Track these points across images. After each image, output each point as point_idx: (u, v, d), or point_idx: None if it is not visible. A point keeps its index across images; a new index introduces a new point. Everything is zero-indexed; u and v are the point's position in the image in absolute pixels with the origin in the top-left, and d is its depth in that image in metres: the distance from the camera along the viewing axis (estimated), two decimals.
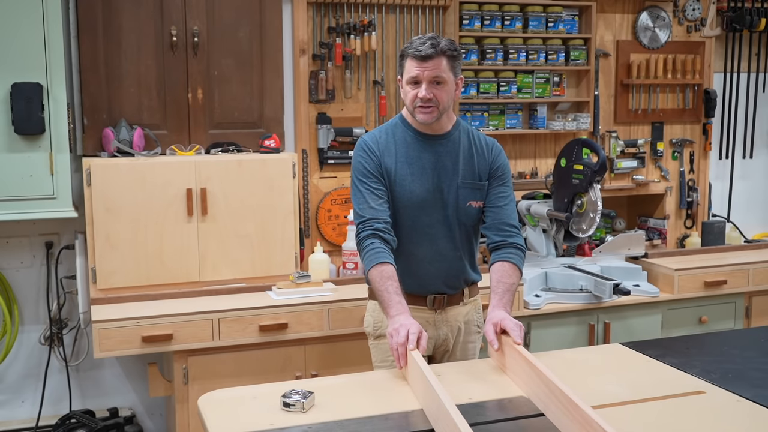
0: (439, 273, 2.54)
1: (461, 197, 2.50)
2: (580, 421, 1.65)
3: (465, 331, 2.63)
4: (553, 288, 3.69)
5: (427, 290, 2.54)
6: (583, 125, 4.37)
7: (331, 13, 3.94)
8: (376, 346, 2.60)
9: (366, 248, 2.40)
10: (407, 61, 2.42)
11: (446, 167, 2.51)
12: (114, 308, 3.14)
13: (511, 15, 4.20)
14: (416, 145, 2.51)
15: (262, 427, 1.81)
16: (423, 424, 1.82)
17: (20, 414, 3.69)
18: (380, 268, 2.35)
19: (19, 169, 3.17)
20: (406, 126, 2.54)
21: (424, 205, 2.48)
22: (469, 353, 2.66)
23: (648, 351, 2.35)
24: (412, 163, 2.49)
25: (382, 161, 2.48)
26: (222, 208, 3.42)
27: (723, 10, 4.73)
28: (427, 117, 2.44)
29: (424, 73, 2.39)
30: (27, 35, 3.12)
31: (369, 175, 2.47)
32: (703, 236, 4.59)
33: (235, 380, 3.07)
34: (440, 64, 2.40)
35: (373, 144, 2.51)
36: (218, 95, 3.63)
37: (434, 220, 2.50)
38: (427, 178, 2.49)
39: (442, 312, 2.57)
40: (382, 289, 2.34)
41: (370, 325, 2.62)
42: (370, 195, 2.45)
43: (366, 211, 2.44)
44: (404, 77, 2.45)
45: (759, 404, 1.92)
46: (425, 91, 2.40)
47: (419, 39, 2.42)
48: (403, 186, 2.48)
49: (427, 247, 2.51)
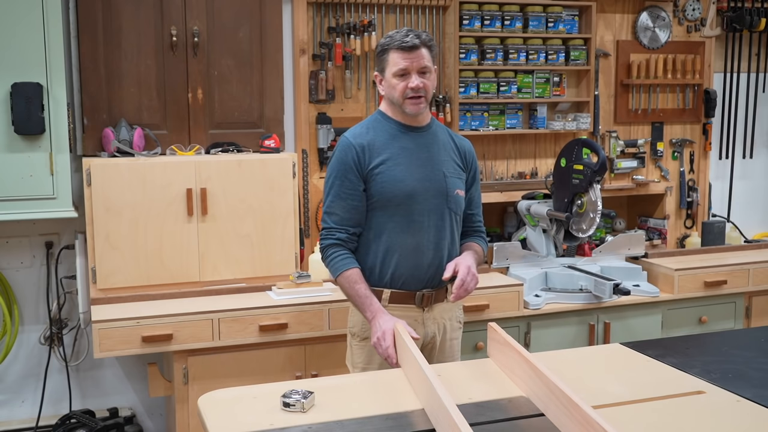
0: (432, 263, 2.55)
1: (449, 185, 2.55)
2: (581, 421, 1.65)
3: (450, 327, 2.66)
4: (553, 288, 3.69)
5: (418, 283, 2.55)
6: (583, 125, 4.37)
7: (331, 13, 3.94)
8: (363, 347, 2.60)
9: (330, 256, 2.53)
10: (391, 55, 2.45)
11: (433, 157, 2.55)
12: (114, 308, 3.14)
13: (511, 15, 4.20)
14: (402, 136, 2.54)
15: (262, 427, 1.81)
16: (423, 424, 1.82)
17: (20, 414, 3.69)
18: (346, 274, 2.49)
19: (19, 169, 3.17)
20: (388, 120, 2.57)
21: (415, 194, 2.50)
22: (454, 350, 2.69)
23: (648, 351, 2.34)
24: (402, 154, 2.52)
25: (366, 158, 2.50)
26: (222, 208, 3.42)
27: (723, 10, 4.73)
28: (417, 108, 2.49)
29: (413, 63, 2.44)
30: (27, 35, 3.12)
31: (345, 179, 2.50)
32: (703, 236, 4.59)
33: (235, 380, 3.07)
34: (424, 55, 2.46)
35: (356, 141, 2.52)
36: (218, 95, 3.63)
37: (426, 209, 2.52)
38: (416, 167, 2.52)
39: (429, 310, 2.58)
40: (352, 294, 2.50)
41: (356, 326, 2.62)
42: (340, 201, 2.51)
43: (333, 218, 2.52)
44: (389, 70, 2.47)
45: (759, 404, 1.92)
46: (417, 80, 2.44)
47: (399, 32, 2.46)
48: (394, 177, 2.49)
49: (420, 237, 2.53)
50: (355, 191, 2.50)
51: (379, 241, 2.53)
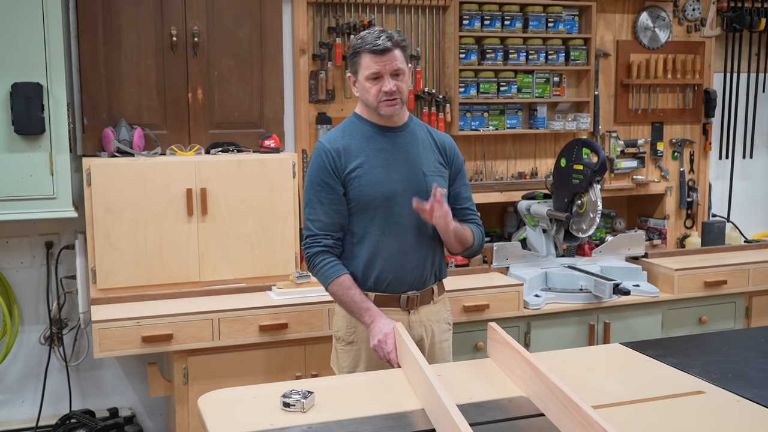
0: (416, 265, 2.53)
1: (429, 184, 2.49)
2: (581, 421, 1.65)
3: (438, 330, 2.62)
4: (553, 288, 3.69)
5: (402, 285, 2.52)
6: (583, 125, 4.37)
7: (331, 13, 3.94)
8: (348, 351, 2.57)
9: (318, 265, 2.50)
10: (363, 58, 2.42)
11: (411, 157, 2.52)
12: (114, 308, 3.14)
13: (511, 15, 4.20)
14: (379, 138, 2.52)
15: (262, 427, 1.81)
16: (423, 424, 1.82)
17: (20, 414, 3.69)
18: (338, 281, 2.47)
19: (19, 169, 3.17)
20: (363, 122, 2.55)
21: (394, 195, 2.48)
22: (445, 352, 2.65)
23: (648, 351, 2.34)
24: (378, 156, 2.49)
25: (342, 162, 2.48)
26: (222, 208, 3.42)
27: (723, 10, 4.73)
28: (392, 110, 2.46)
29: (386, 66, 2.41)
30: (27, 35, 3.12)
31: (323, 184, 2.48)
32: (703, 236, 4.59)
33: (235, 380, 3.07)
34: (397, 56, 2.42)
35: (331, 146, 2.50)
36: (218, 95, 3.63)
37: (407, 210, 2.48)
38: (394, 168, 2.49)
39: (415, 312, 2.55)
40: (347, 300, 2.46)
41: (342, 330, 2.59)
42: (320, 207, 2.49)
43: (316, 224, 2.50)
44: (362, 74, 2.44)
45: (759, 404, 1.92)
46: (391, 84, 2.41)
47: (371, 34, 2.42)
48: (371, 180, 2.47)
49: (400, 239, 2.50)
50: (336, 195, 2.48)
51: (362, 246, 2.50)
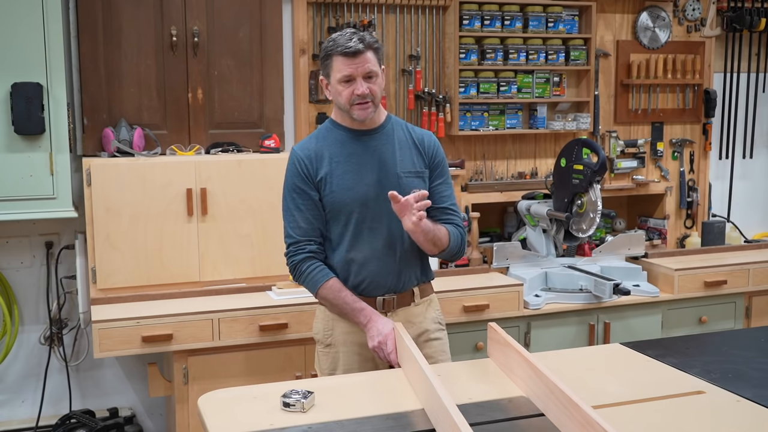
0: (389, 269, 2.50)
1: (404, 186, 2.45)
2: (581, 421, 1.65)
3: (425, 330, 2.58)
4: (553, 288, 3.69)
5: (378, 289, 2.50)
6: (583, 125, 4.37)
7: (331, 13, 3.94)
8: (326, 353, 2.56)
9: (305, 271, 2.47)
10: (335, 61, 2.39)
11: (385, 160, 2.49)
12: (114, 308, 3.14)
13: (511, 15, 4.20)
14: (351, 143, 2.50)
15: (262, 427, 1.81)
16: (423, 423, 1.82)
17: (20, 414, 3.69)
18: (327, 285, 2.45)
19: (19, 169, 3.17)
20: (337, 127, 2.53)
21: (366, 200, 2.46)
22: (437, 351, 2.59)
23: (648, 351, 2.34)
24: (350, 161, 2.47)
25: (314, 169, 2.47)
26: (222, 208, 3.42)
27: (723, 10, 4.73)
28: (365, 113, 2.43)
29: (358, 69, 2.38)
30: (27, 35, 3.12)
31: (298, 190, 2.47)
32: (703, 236, 4.59)
33: (235, 380, 3.07)
34: (370, 59, 2.39)
35: (303, 152, 2.50)
36: (218, 95, 3.63)
37: (381, 214, 2.46)
38: (366, 173, 2.47)
39: (393, 314, 2.52)
40: (339, 302, 2.45)
41: (319, 332, 2.58)
42: (299, 213, 2.47)
43: (296, 231, 2.48)
44: (334, 77, 2.41)
45: (759, 404, 1.92)
46: (363, 87, 2.39)
47: (342, 36, 2.39)
48: (343, 185, 2.45)
49: (376, 243, 2.48)
50: (311, 201, 2.47)
51: (337, 252, 2.49)
